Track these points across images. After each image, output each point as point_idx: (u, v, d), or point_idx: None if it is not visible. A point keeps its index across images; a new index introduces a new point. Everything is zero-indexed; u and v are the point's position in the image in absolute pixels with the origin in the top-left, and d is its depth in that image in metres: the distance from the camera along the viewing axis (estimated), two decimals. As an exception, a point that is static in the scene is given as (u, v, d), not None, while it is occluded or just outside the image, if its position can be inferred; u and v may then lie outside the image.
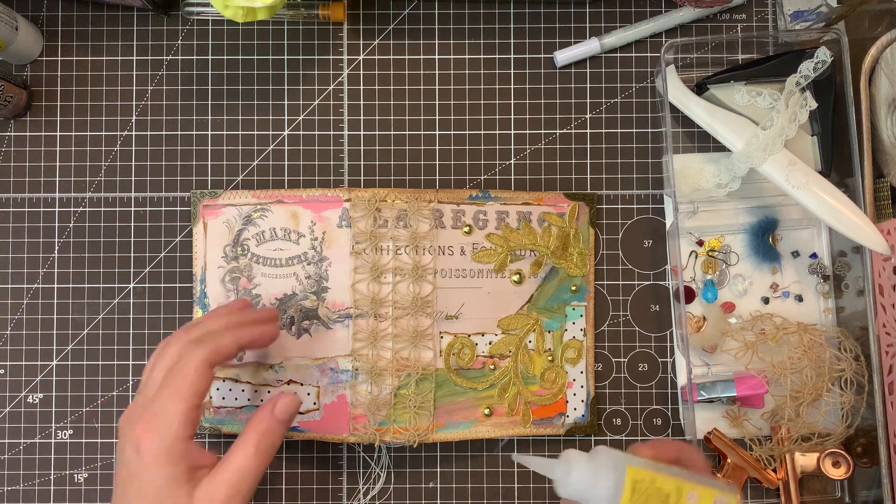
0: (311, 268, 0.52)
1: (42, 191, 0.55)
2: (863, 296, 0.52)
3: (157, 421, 0.41)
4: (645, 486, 0.39)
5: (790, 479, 0.53)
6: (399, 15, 0.56)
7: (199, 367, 0.42)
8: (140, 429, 0.41)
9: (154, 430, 0.41)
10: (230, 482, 0.42)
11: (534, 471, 0.45)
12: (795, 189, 0.51)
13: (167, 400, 0.42)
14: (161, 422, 0.41)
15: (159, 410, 0.42)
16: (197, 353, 0.43)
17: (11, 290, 0.54)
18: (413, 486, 0.54)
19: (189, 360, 0.43)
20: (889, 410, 0.50)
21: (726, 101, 0.53)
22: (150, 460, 0.41)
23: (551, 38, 0.56)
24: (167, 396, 0.42)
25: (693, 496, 0.40)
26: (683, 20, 0.55)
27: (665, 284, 0.55)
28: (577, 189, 0.55)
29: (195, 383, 0.42)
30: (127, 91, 0.55)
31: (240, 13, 0.47)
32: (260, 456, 0.43)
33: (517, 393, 0.52)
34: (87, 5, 0.55)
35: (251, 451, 0.43)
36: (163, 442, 0.41)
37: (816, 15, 0.53)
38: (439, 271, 0.52)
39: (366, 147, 0.55)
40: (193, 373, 0.42)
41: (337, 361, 0.51)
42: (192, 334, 0.44)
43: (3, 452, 0.54)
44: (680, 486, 0.40)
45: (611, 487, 0.39)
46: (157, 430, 0.41)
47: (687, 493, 0.40)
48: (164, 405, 0.42)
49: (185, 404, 0.42)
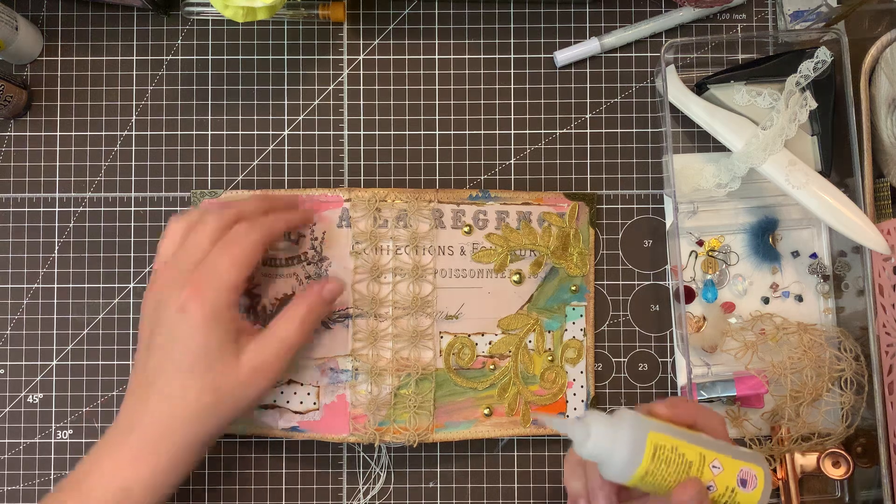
0: (311, 268, 0.52)
1: (42, 191, 0.55)
2: (863, 296, 0.52)
3: (210, 285, 0.43)
4: (666, 452, 0.38)
5: (790, 479, 0.53)
6: (399, 15, 0.56)
7: (255, 241, 0.44)
8: (190, 291, 0.42)
9: (207, 292, 0.43)
10: (275, 348, 0.44)
11: (554, 428, 0.45)
12: (795, 189, 0.51)
13: (222, 266, 0.43)
14: (215, 286, 0.43)
15: (213, 275, 0.43)
16: (255, 228, 0.45)
17: (11, 290, 0.54)
18: (413, 486, 0.54)
19: (248, 233, 0.44)
20: (889, 410, 0.50)
21: (726, 101, 0.53)
22: (200, 321, 0.42)
23: (551, 38, 0.56)
24: (223, 263, 0.43)
25: (717, 465, 0.39)
26: (683, 20, 0.55)
27: (665, 284, 0.55)
28: (577, 189, 0.55)
29: (252, 255, 0.44)
30: (127, 91, 0.55)
31: (240, 13, 0.47)
32: (304, 329, 0.46)
33: (517, 393, 0.52)
34: (87, 5, 0.55)
35: (297, 324, 0.45)
36: (216, 304, 0.43)
37: (816, 15, 0.53)
38: (439, 271, 0.52)
39: (366, 147, 0.55)
40: (251, 245, 0.44)
41: (337, 361, 0.51)
42: (231, 212, 0.46)
43: (3, 452, 0.54)
44: (703, 455, 0.39)
45: (630, 451, 0.38)
46: (210, 292, 0.43)
47: (711, 462, 0.39)
48: (219, 271, 0.43)
49: (240, 272, 0.43)
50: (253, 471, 0.54)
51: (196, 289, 0.43)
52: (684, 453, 0.39)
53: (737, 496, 0.39)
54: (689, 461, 0.39)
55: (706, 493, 0.38)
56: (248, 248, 0.44)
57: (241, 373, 0.43)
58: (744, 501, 0.39)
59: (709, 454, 0.39)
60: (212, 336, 0.43)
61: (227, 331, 0.43)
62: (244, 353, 0.44)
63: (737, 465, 0.39)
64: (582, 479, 0.42)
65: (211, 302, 0.42)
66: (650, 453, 0.38)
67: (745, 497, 0.39)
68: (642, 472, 0.38)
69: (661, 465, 0.38)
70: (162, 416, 0.43)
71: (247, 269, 0.44)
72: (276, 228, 0.47)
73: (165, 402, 0.43)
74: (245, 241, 0.44)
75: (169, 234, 0.46)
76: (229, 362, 0.43)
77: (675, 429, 0.40)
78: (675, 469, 0.38)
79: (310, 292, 0.47)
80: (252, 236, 0.45)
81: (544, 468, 0.54)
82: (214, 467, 0.54)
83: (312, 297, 0.47)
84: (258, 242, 0.45)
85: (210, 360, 0.43)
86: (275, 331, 0.45)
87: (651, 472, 0.38)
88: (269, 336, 0.45)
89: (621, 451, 0.38)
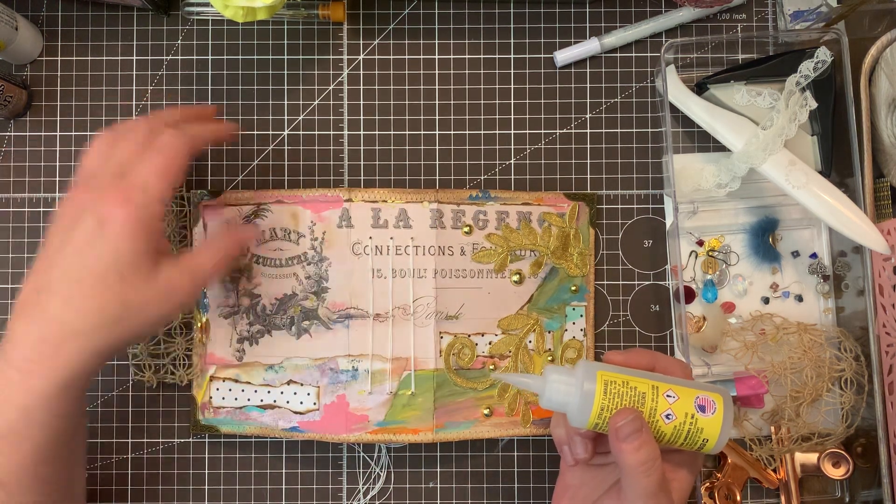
0: (311, 268, 0.52)
1: (42, 191, 0.55)
2: (863, 296, 0.52)
3: (134, 195, 0.41)
4: (617, 387, 0.39)
5: (790, 479, 0.53)
6: (399, 15, 0.56)
7: (181, 149, 0.43)
8: (115, 200, 0.41)
9: (131, 203, 0.41)
10: (190, 273, 0.43)
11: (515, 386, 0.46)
12: (795, 189, 0.51)
13: (149, 177, 0.42)
14: (140, 197, 0.41)
15: (139, 186, 0.41)
16: (180, 137, 0.43)
17: (11, 291, 0.54)
18: (413, 486, 0.54)
19: (173, 141, 0.43)
20: (889, 410, 0.50)
21: (726, 101, 0.53)
22: (121, 230, 0.40)
23: (551, 38, 0.56)
24: (149, 173, 0.42)
25: (672, 394, 0.40)
26: (683, 20, 0.55)
27: (665, 284, 0.55)
28: (577, 189, 0.55)
29: (178, 164, 0.43)
30: (127, 91, 0.55)
31: (240, 13, 0.47)
32: (221, 263, 0.45)
33: (517, 393, 0.52)
34: (87, 5, 0.55)
35: (218, 256, 0.45)
36: (141, 215, 0.41)
37: (816, 15, 0.53)
38: (439, 271, 0.52)
39: (366, 147, 0.55)
40: (176, 154, 0.43)
41: (337, 361, 0.51)
42: (155, 121, 0.45)
43: (3, 452, 0.54)
44: (656, 386, 0.40)
45: (583, 391, 0.39)
46: (134, 203, 0.41)
47: (664, 392, 0.40)
48: (146, 181, 0.41)
49: (166, 182, 0.42)
50: (253, 471, 0.54)
51: (122, 198, 0.41)
52: (636, 386, 0.40)
53: (698, 421, 0.40)
54: (642, 392, 0.40)
55: (642, 419, 0.39)
56: (173, 157, 0.42)
57: (152, 290, 0.41)
58: (706, 426, 0.40)
59: (662, 385, 0.40)
60: (132, 246, 0.40)
61: (147, 244, 0.41)
62: (160, 271, 0.42)
63: (693, 393, 0.40)
64: (563, 426, 0.43)
65: (137, 212, 0.41)
66: (601, 389, 0.39)
67: (706, 421, 0.40)
68: (597, 409, 0.39)
69: (615, 398, 0.39)
70: (61, 324, 0.40)
71: (173, 178, 0.42)
72: (201, 137, 0.45)
73: (66, 309, 0.40)
74: (171, 151, 0.43)
75: (94, 146, 0.44)
76: (144, 277, 0.41)
77: (624, 369, 0.41)
78: (628, 402, 0.39)
79: (235, 231, 0.50)
80: (178, 146, 0.43)
81: (544, 468, 0.54)
82: (214, 467, 0.54)
83: (237, 234, 0.48)
84: (185, 152, 0.43)
85: (123, 272, 0.40)
86: (194, 257, 0.44)
87: (605, 407, 0.39)
88: (187, 260, 0.44)
89: (575, 394, 0.40)
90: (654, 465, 0.38)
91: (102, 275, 0.40)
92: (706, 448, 0.40)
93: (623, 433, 0.38)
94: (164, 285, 0.42)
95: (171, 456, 0.54)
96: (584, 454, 0.42)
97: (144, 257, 0.41)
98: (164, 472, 0.54)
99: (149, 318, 0.42)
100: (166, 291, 0.42)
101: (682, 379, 0.41)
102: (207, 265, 0.44)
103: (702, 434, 0.40)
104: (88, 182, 0.42)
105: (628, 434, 0.38)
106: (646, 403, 0.39)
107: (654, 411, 0.39)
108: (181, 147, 0.43)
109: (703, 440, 0.40)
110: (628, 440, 0.38)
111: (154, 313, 0.42)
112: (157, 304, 0.42)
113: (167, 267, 0.42)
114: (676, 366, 0.42)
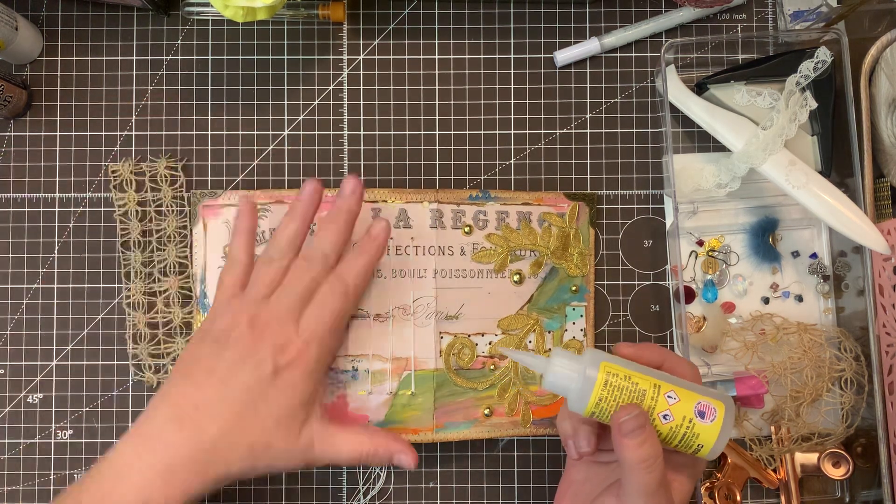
0: (311, 268, 0.52)
1: (42, 191, 0.55)
2: (863, 296, 0.52)
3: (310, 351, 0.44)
4: (619, 380, 0.39)
5: (790, 479, 0.53)
6: (399, 15, 0.56)
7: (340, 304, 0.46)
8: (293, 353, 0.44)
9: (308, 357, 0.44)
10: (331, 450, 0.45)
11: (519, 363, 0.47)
12: (795, 189, 0.51)
13: (320, 330, 0.45)
14: (315, 350, 0.44)
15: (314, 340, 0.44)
16: (338, 288, 0.46)
17: (11, 290, 0.54)
18: (413, 486, 0.54)
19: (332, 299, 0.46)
20: (889, 410, 0.50)
21: (726, 101, 0.53)
22: (291, 386, 0.43)
23: (551, 38, 0.56)
24: (320, 327, 0.45)
25: (673, 396, 0.39)
26: (683, 20, 0.55)
27: (665, 284, 0.55)
28: (577, 189, 0.55)
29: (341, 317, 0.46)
30: (127, 91, 0.55)
31: (240, 13, 0.47)
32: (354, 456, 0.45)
33: (517, 393, 0.52)
34: (87, 5, 0.55)
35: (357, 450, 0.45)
36: (312, 370, 0.44)
37: (816, 15, 0.53)
38: (439, 271, 0.52)
39: (366, 147, 0.55)
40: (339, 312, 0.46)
41: (337, 361, 0.51)
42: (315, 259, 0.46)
43: (3, 452, 0.54)
44: (658, 385, 0.39)
45: (584, 379, 0.39)
46: (307, 359, 0.44)
47: (666, 393, 0.39)
48: (321, 335, 0.45)
49: (337, 341, 0.47)
50: (253, 471, 0.54)
51: (299, 353, 0.44)
52: (638, 382, 0.39)
53: (695, 426, 0.39)
54: (643, 389, 0.39)
55: (646, 416, 0.39)
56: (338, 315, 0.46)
57: (293, 445, 0.43)
58: (703, 432, 0.39)
59: (665, 385, 0.40)
60: (297, 399, 0.43)
61: (310, 396, 0.44)
62: (307, 429, 0.44)
63: (695, 398, 0.40)
64: (569, 420, 0.43)
65: (309, 366, 0.44)
66: (602, 380, 0.39)
67: (704, 427, 0.39)
68: (595, 398, 0.39)
69: (614, 391, 0.39)
70: (214, 450, 0.42)
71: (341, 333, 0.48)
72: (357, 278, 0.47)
73: (221, 437, 0.42)
74: (336, 305, 0.46)
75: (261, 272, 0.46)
76: (294, 430, 0.43)
77: (635, 364, 0.40)
78: (628, 397, 0.39)
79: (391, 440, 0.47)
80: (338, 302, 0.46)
81: (544, 468, 0.54)
82: (214, 467, 0.54)
83: (388, 444, 0.46)
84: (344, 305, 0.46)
85: (281, 419, 0.43)
86: (340, 441, 0.45)
87: (604, 398, 0.39)
88: (333, 436, 0.45)
89: (577, 380, 0.39)
90: (656, 463, 0.38)
91: (262, 417, 0.42)
92: (700, 453, 0.40)
93: (626, 428, 0.38)
94: (303, 446, 0.44)
95: (171, 456, 0.54)
96: (588, 448, 0.42)
97: (301, 410, 0.43)
98: (164, 472, 0.54)
99: (276, 465, 0.44)
100: (302, 452, 0.44)
101: (687, 381, 0.41)
102: (344, 455, 0.45)
103: (697, 439, 0.39)
104: (267, 313, 0.44)
105: (631, 430, 0.38)
106: (645, 401, 0.39)
107: (652, 409, 0.39)
108: (340, 302, 0.45)
109: (698, 445, 0.39)
110: (631, 436, 0.38)
111: (282, 465, 0.44)
112: (289, 458, 0.44)
113: (315, 428, 0.44)
114: (685, 367, 0.42)
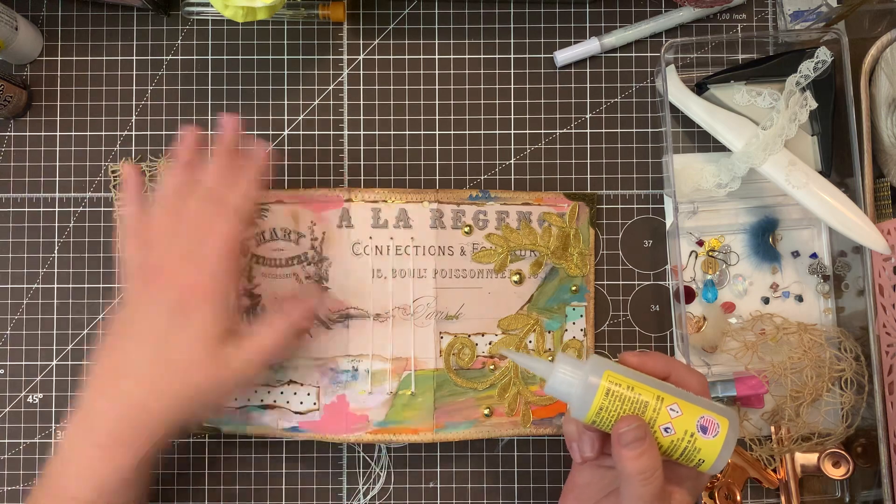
0: (311, 268, 0.52)
1: (42, 191, 0.55)
2: (863, 296, 0.52)
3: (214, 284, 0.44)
4: (621, 390, 0.39)
5: (790, 479, 0.53)
6: (399, 15, 0.56)
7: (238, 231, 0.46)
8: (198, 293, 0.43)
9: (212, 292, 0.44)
10: (255, 354, 0.45)
11: (522, 366, 0.46)
12: (795, 189, 0.51)
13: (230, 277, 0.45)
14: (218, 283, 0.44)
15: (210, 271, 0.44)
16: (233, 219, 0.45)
17: (11, 290, 0.54)
18: (413, 486, 0.54)
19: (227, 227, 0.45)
20: (889, 410, 0.50)
21: (726, 101, 0.53)
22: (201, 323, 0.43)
23: (551, 38, 0.56)
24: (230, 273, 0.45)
25: (676, 409, 0.39)
26: (683, 20, 0.55)
27: (665, 284, 0.55)
28: (577, 189, 0.55)
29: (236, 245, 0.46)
30: (127, 91, 0.55)
31: (240, 13, 0.47)
32: (283, 343, 0.46)
33: (517, 393, 0.52)
34: (87, 5, 0.55)
35: (279, 336, 0.46)
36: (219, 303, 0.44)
37: (816, 15, 0.53)
38: (439, 271, 0.52)
39: (366, 147, 0.55)
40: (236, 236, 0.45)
41: (337, 361, 0.51)
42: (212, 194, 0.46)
43: (3, 452, 0.54)
44: (661, 397, 0.39)
45: (585, 386, 0.39)
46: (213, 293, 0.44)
47: (668, 405, 0.39)
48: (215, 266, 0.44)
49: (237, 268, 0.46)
50: (253, 471, 0.54)
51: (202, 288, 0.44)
52: (640, 393, 0.39)
53: (696, 441, 0.39)
54: (644, 401, 0.39)
55: (647, 428, 0.38)
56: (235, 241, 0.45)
57: (223, 375, 0.44)
58: (704, 447, 0.39)
59: (668, 398, 0.39)
60: (211, 334, 0.43)
61: (224, 330, 0.44)
62: (227, 354, 0.44)
63: (698, 412, 0.39)
64: (574, 423, 0.43)
65: (216, 301, 0.44)
66: (604, 389, 0.39)
67: (706, 443, 0.39)
68: (596, 407, 0.39)
69: (615, 401, 0.39)
70: (142, 407, 0.43)
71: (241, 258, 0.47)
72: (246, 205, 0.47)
73: (148, 393, 0.43)
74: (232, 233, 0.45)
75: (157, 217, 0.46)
76: (217, 364, 0.44)
77: (639, 374, 0.40)
78: (629, 407, 0.39)
79: (294, 305, 0.48)
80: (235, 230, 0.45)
81: (544, 468, 0.54)
82: (214, 467, 0.54)
83: (297, 313, 0.47)
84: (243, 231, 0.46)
85: (201, 360, 0.43)
86: (257, 338, 0.45)
87: (605, 407, 0.39)
88: (251, 341, 0.45)
89: (578, 387, 0.39)
90: (654, 475, 0.38)
91: (184, 363, 0.43)
92: (702, 468, 0.39)
93: (626, 439, 0.38)
94: (232, 371, 0.44)
95: (172, 456, 0.54)
96: (591, 453, 0.42)
97: (219, 344, 0.44)
98: (164, 473, 0.54)
99: (217, 399, 0.46)
100: (234, 376, 0.44)
101: (692, 394, 0.40)
102: (269, 346, 0.46)
103: (699, 454, 0.39)
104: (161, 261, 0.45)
105: (630, 441, 0.38)
106: (647, 412, 0.39)
107: (653, 421, 0.39)
108: (227, 226, 0.45)
109: (699, 460, 0.39)
110: (630, 447, 0.38)
111: (223, 394, 0.46)
112: (225, 388, 0.45)
113: (233, 349, 0.44)
114: (693, 378, 0.41)
